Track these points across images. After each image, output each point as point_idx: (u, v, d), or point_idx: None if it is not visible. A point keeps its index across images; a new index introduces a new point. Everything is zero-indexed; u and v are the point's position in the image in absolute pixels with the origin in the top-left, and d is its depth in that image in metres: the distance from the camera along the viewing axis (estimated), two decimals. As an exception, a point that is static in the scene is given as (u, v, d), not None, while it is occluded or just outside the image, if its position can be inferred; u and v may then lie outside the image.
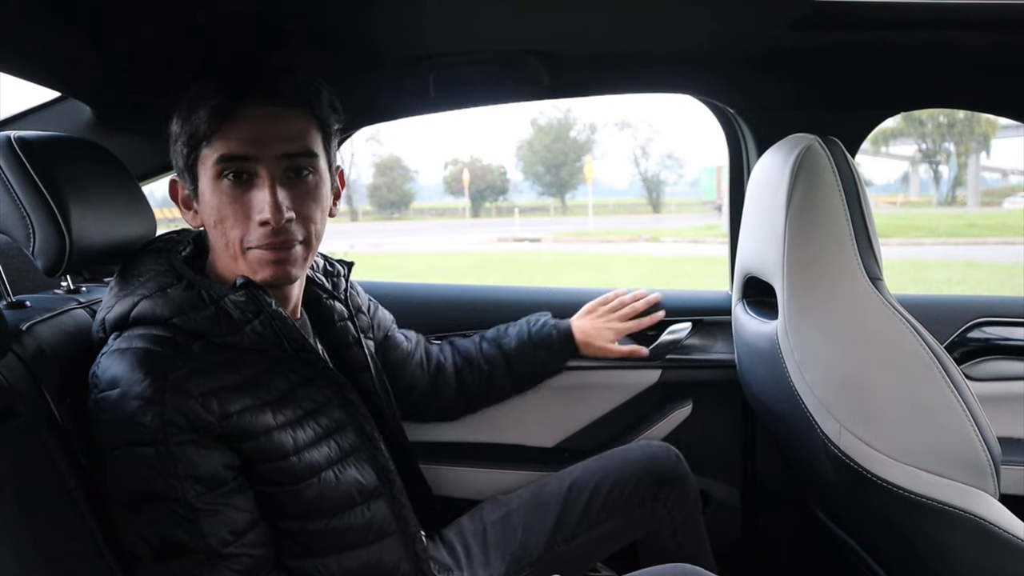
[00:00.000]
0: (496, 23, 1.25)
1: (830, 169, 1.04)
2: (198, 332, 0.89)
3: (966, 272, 9.15)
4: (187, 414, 0.83)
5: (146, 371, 0.84)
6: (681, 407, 1.56)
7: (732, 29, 1.31)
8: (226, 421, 0.86)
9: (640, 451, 1.32)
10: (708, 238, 14.55)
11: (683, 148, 28.63)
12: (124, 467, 0.83)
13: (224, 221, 0.91)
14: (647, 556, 1.28)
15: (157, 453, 0.82)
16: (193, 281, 0.92)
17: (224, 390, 0.87)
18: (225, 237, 0.92)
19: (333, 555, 0.94)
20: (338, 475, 0.95)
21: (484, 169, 27.53)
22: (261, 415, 0.89)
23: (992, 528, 0.97)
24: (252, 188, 0.90)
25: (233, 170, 0.90)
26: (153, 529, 0.83)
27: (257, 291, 0.92)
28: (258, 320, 0.91)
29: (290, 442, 0.91)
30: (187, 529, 0.83)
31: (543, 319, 1.45)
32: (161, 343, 0.87)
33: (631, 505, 1.26)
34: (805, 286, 1.05)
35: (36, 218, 0.94)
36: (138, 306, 0.90)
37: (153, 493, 0.83)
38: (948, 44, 1.36)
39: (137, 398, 0.83)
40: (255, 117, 0.90)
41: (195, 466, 0.84)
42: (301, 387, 0.96)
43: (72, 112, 1.33)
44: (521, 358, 1.41)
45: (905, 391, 0.99)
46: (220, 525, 0.84)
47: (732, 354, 1.57)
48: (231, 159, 0.89)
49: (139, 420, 0.82)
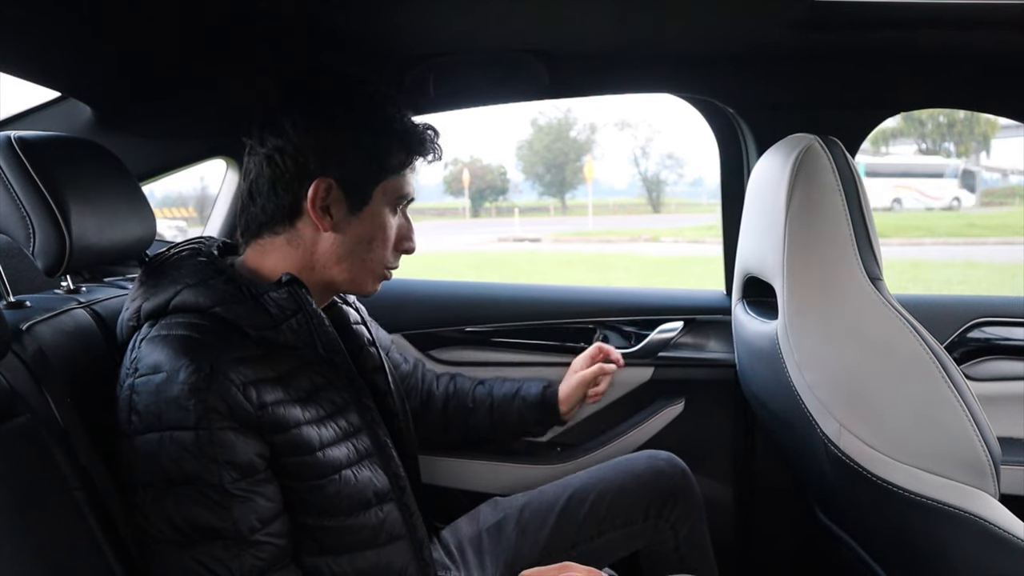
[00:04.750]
0: (496, 23, 1.26)
1: (830, 169, 1.04)
2: (237, 323, 0.91)
3: (966, 272, 9.14)
4: (229, 401, 0.85)
5: (191, 357, 0.85)
6: (673, 405, 1.57)
7: (732, 29, 1.31)
8: (262, 411, 0.88)
9: (644, 463, 1.31)
10: (708, 238, 14.55)
11: (683, 148, 28.61)
12: (157, 450, 0.84)
13: (374, 240, 1.01)
14: (649, 566, 1.27)
15: (197, 438, 0.83)
16: (233, 276, 0.95)
17: (262, 381, 0.89)
18: (371, 253, 1.02)
19: (346, 554, 0.95)
20: (356, 475, 0.96)
21: (484, 169, 27.51)
22: (292, 409, 0.91)
23: (992, 528, 0.97)
24: (406, 219, 1.07)
25: (404, 205, 1.05)
26: (182, 513, 0.84)
27: (300, 290, 0.96)
28: (295, 319, 0.95)
29: (316, 438, 0.93)
30: (219, 514, 0.84)
31: (542, 382, 1.43)
32: (202, 331, 0.89)
33: (633, 519, 1.26)
34: (805, 286, 1.05)
35: (36, 218, 0.94)
36: (180, 295, 0.92)
37: (187, 477, 0.83)
38: (948, 44, 1.37)
39: (183, 383, 0.84)
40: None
41: (233, 452, 0.85)
42: (323, 389, 0.97)
43: (72, 112, 1.33)
44: (504, 410, 1.40)
45: (905, 391, 0.99)
46: (250, 512, 0.86)
47: (725, 353, 1.58)
48: (407, 198, 1.04)
49: (183, 405, 0.83)
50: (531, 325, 1.62)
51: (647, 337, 1.60)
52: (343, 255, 1.00)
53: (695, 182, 27.46)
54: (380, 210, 1.00)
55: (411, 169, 1.03)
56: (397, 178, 1.01)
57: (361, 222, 1.00)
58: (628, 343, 1.62)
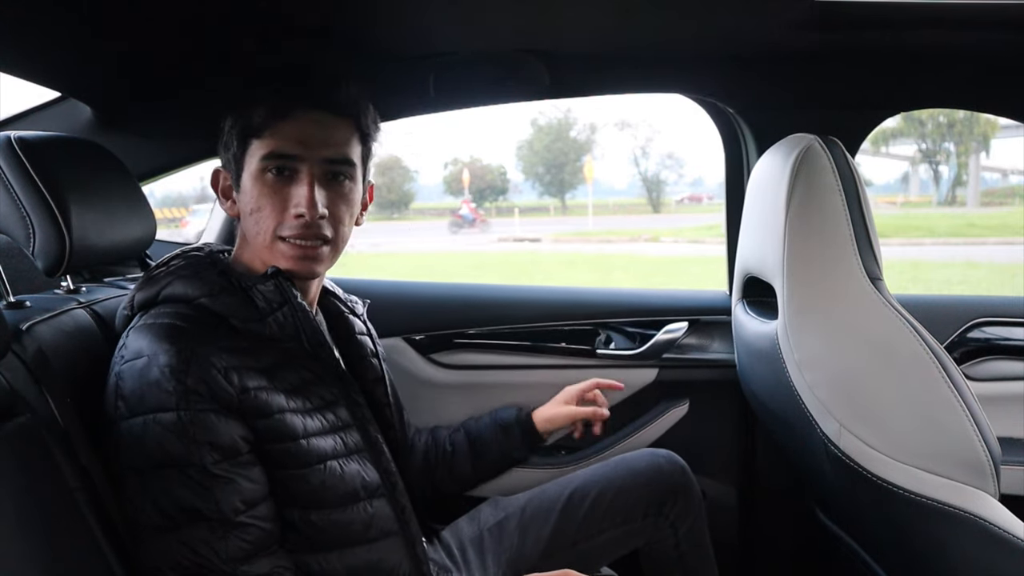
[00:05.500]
0: (496, 23, 1.25)
1: (830, 169, 1.04)
2: (223, 314, 0.93)
3: (966, 272, 9.14)
4: (209, 384, 0.86)
5: (172, 342, 0.87)
6: (678, 406, 1.57)
7: (733, 29, 1.31)
8: (244, 395, 0.89)
9: (645, 461, 1.31)
10: (708, 238, 14.54)
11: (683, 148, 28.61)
12: (143, 433, 0.85)
13: (261, 210, 0.97)
14: (649, 564, 1.27)
15: (178, 419, 0.84)
16: (227, 269, 0.97)
17: (245, 368, 0.90)
18: (259, 225, 0.97)
19: (336, 551, 0.95)
20: (342, 467, 0.96)
21: (484, 169, 27.48)
22: (275, 396, 0.92)
23: (992, 528, 0.97)
24: (292, 183, 0.97)
25: (277, 165, 0.96)
26: (167, 496, 0.84)
27: (285, 282, 0.97)
28: (281, 312, 0.96)
29: (300, 426, 0.93)
30: (202, 496, 0.84)
31: (512, 409, 1.40)
32: (187, 319, 0.91)
33: (633, 517, 1.25)
34: (805, 286, 1.05)
35: (36, 218, 0.94)
36: (170, 286, 0.94)
37: (171, 458, 0.84)
38: (948, 44, 1.37)
39: (163, 366, 0.86)
40: (306, 120, 0.96)
41: (214, 434, 0.86)
42: (312, 384, 0.98)
43: (72, 112, 1.33)
44: (482, 440, 1.37)
45: (905, 391, 0.99)
46: (234, 493, 0.86)
47: (729, 354, 1.57)
48: (278, 156, 0.96)
49: (163, 387, 0.85)
50: (533, 327, 1.61)
51: (651, 338, 1.59)
52: (247, 233, 1.00)
53: (695, 182, 27.46)
54: (252, 176, 0.97)
55: (279, 122, 0.95)
56: (258, 141, 0.96)
57: (243, 194, 0.99)
58: (632, 344, 1.62)
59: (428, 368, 1.58)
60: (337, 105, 0.98)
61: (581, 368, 1.57)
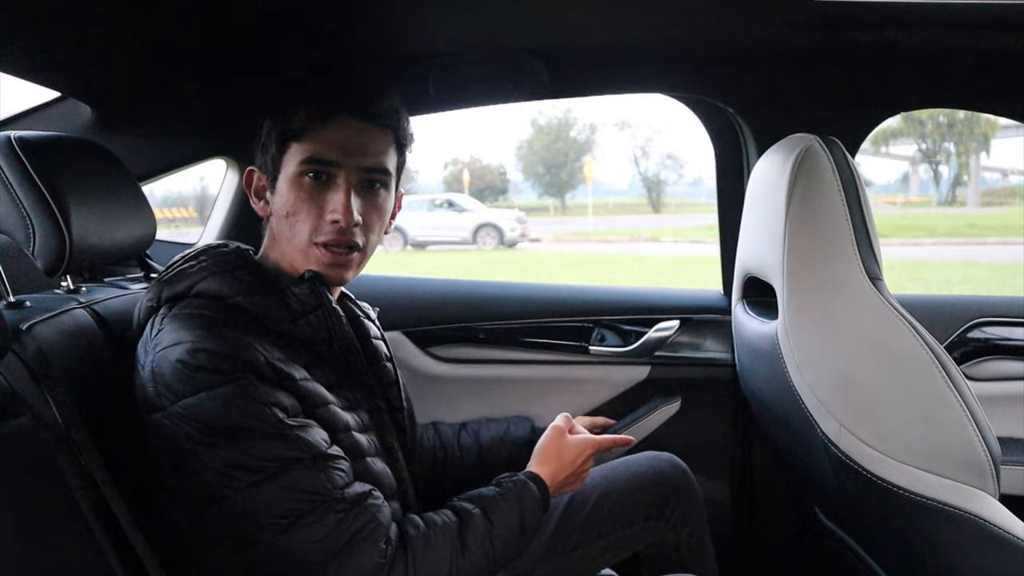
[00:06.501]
0: (496, 23, 1.26)
1: (830, 169, 1.04)
2: (257, 314, 0.93)
3: (966, 272, 9.14)
4: (258, 367, 0.86)
5: (214, 332, 0.87)
6: (670, 404, 1.58)
7: (733, 29, 1.31)
8: (291, 383, 0.89)
9: (646, 464, 1.30)
10: (708, 238, 14.53)
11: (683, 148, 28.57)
12: (199, 410, 0.84)
13: (297, 214, 0.97)
14: (649, 567, 1.27)
15: (236, 387, 0.84)
16: (261, 269, 0.97)
17: (282, 361, 0.90)
18: (294, 229, 0.97)
19: None
20: (374, 465, 0.98)
21: (484, 169, 27.48)
22: (319, 388, 0.93)
23: (992, 528, 0.97)
24: (329, 189, 0.97)
25: (315, 170, 0.96)
26: (251, 455, 0.84)
27: (321, 287, 0.98)
28: (315, 314, 0.97)
29: (343, 420, 0.94)
30: (288, 443, 0.85)
31: (526, 425, 1.40)
32: (221, 313, 0.90)
33: (634, 520, 1.25)
34: (805, 286, 1.05)
35: (36, 218, 0.94)
36: (203, 281, 0.93)
37: (240, 424, 0.84)
38: (948, 44, 1.37)
39: (210, 350, 0.85)
40: (347, 127, 0.96)
41: (274, 398, 0.86)
42: (337, 385, 0.99)
43: (72, 112, 1.33)
44: (493, 451, 1.36)
45: (905, 391, 0.99)
46: (315, 433, 0.88)
47: (722, 352, 1.58)
48: (317, 161, 0.96)
49: (214, 365, 0.84)
50: (530, 323, 1.62)
51: (644, 336, 1.60)
52: (280, 235, 1.00)
53: (695, 182, 27.43)
54: (289, 179, 0.97)
55: (319, 127, 0.95)
56: (298, 144, 0.96)
57: (279, 196, 0.99)
58: (625, 342, 1.63)
59: (426, 361, 1.59)
60: (379, 115, 0.99)
61: (572, 364, 1.59)
